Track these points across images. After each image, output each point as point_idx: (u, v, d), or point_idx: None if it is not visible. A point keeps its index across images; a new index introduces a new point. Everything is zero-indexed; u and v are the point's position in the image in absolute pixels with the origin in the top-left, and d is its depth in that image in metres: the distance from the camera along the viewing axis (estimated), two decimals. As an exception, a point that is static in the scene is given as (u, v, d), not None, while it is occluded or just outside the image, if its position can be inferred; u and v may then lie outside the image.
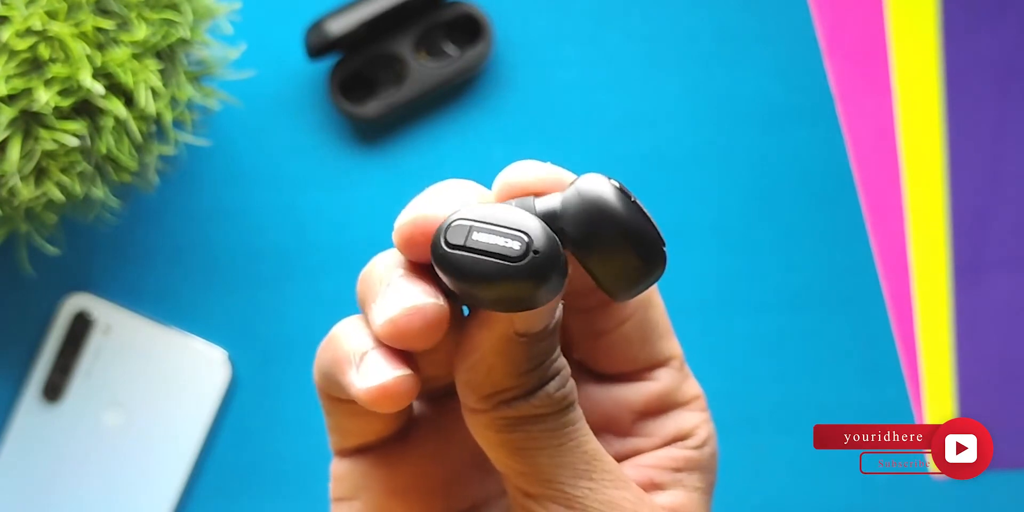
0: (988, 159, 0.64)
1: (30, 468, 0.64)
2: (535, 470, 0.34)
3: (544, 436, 0.33)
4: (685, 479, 0.37)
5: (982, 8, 0.64)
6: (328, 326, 0.65)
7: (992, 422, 0.64)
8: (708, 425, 0.38)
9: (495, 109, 0.65)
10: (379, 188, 0.65)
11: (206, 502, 0.65)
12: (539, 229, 0.31)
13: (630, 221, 0.31)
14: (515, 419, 0.33)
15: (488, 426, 0.34)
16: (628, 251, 0.31)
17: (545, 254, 0.30)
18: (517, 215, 0.31)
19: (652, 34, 0.66)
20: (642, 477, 0.37)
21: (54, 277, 0.64)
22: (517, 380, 0.33)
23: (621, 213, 0.31)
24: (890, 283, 0.65)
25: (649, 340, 0.37)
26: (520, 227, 0.31)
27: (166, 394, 0.64)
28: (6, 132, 0.51)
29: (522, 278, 0.30)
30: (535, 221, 0.31)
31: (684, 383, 0.38)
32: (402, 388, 0.33)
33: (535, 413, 0.33)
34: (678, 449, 0.37)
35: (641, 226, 0.31)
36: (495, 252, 0.31)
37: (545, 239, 0.31)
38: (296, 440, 0.65)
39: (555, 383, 0.34)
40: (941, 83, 0.64)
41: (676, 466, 0.37)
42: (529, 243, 0.30)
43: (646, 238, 0.31)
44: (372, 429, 0.37)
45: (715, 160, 0.65)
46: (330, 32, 0.63)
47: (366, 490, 0.37)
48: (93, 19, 0.52)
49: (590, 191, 0.31)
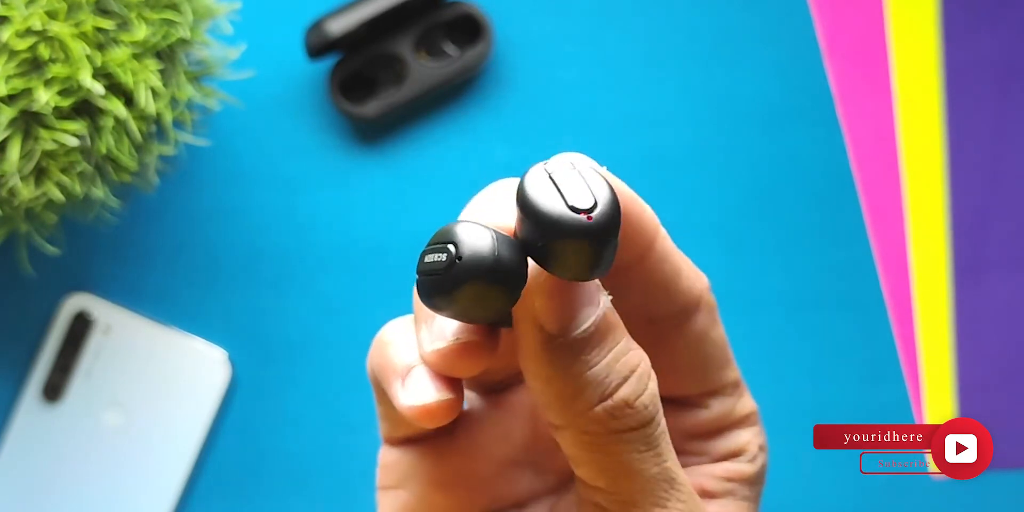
0: (988, 159, 0.64)
1: (30, 468, 0.64)
2: (617, 490, 0.33)
3: (628, 459, 0.33)
4: (737, 490, 0.37)
5: (982, 8, 0.64)
6: (328, 326, 0.66)
7: (992, 422, 0.64)
8: (759, 437, 0.38)
9: (495, 109, 0.65)
10: (379, 188, 0.65)
11: (206, 502, 0.65)
12: (465, 236, 0.30)
13: (540, 207, 0.30)
14: (600, 436, 0.32)
15: (575, 444, 0.33)
16: (553, 237, 0.30)
17: (467, 259, 0.30)
18: (456, 228, 0.31)
19: (652, 34, 0.66)
20: (694, 484, 0.37)
21: (54, 277, 0.64)
22: (578, 382, 0.32)
23: (534, 191, 0.30)
24: (890, 283, 0.65)
25: (703, 372, 0.37)
26: (447, 239, 0.30)
27: (166, 394, 0.64)
28: (6, 132, 0.51)
29: (452, 288, 0.30)
30: (468, 228, 0.30)
31: (739, 402, 0.38)
32: (443, 410, 0.33)
33: (615, 427, 0.32)
34: (731, 463, 0.38)
35: (550, 206, 0.30)
36: (432, 270, 0.31)
37: (469, 245, 0.30)
38: (296, 440, 0.65)
39: (630, 387, 0.32)
40: (941, 83, 0.64)
41: (728, 477, 0.37)
42: (452, 254, 0.30)
43: (559, 220, 0.30)
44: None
45: (715, 160, 0.65)
46: (330, 32, 0.63)
47: (412, 480, 0.37)
48: (93, 19, 0.52)
49: (519, 189, 0.31)
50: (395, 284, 0.65)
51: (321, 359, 0.65)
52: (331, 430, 0.65)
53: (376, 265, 0.65)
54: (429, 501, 0.37)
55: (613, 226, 0.30)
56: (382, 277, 0.65)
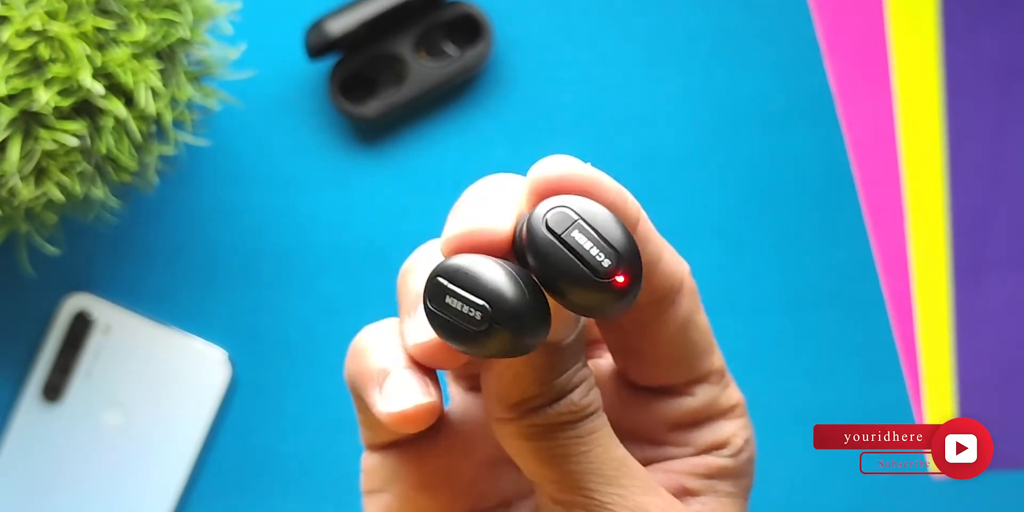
0: (988, 159, 0.64)
1: (30, 468, 0.64)
2: (564, 477, 0.34)
3: (572, 443, 0.34)
4: (717, 486, 0.37)
5: (982, 8, 0.64)
6: (328, 326, 0.66)
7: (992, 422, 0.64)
8: (745, 431, 0.38)
9: (495, 109, 0.65)
10: (379, 188, 0.65)
11: (206, 502, 0.65)
12: (501, 297, 0.31)
13: (560, 269, 0.31)
14: (542, 427, 0.33)
15: (516, 435, 0.34)
16: (574, 292, 0.31)
17: (512, 323, 0.31)
18: (483, 279, 0.31)
19: (652, 34, 0.66)
20: (673, 483, 0.37)
21: (54, 277, 0.64)
22: (543, 388, 0.33)
23: (552, 262, 0.31)
24: (890, 283, 0.65)
25: (687, 359, 0.37)
26: (482, 294, 0.31)
27: (166, 394, 0.64)
28: (6, 132, 0.51)
29: (494, 345, 0.31)
30: (500, 287, 0.31)
31: (724, 393, 0.38)
32: (422, 414, 0.34)
33: (561, 420, 0.33)
34: (712, 457, 0.37)
35: (569, 272, 0.31)
36: (459, 320, 0.31)
37: (509, 311, 0.31)
38: (296, 440, 0.65)
39: (580, 390, 0.34)
40: (941, 83, 0.64)
41: (709, 473, 0.37)
42: (489, 315, 0.31)
43: (579, 282, 0.31)
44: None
45: (715, 160, 0.65)
46: (330, 32, 0.63)
47: (395, 483, 0.37)
48: (93, 19, 0.52)
49: (528, 236, 0.31)
50: (395, 284, 0.65)
51: (321, 359, 0.65)
52: (331, 430, 0.65)
53: (376, 265, 0.65)
54: (413, 503, 0.37)
55: (637, 272, 0.31)
56: (382, 277, 0.65)
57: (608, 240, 0.31)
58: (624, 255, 0.31)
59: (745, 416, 0.38)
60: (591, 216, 0.31)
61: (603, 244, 0.31)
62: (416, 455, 0.37)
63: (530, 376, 0.33)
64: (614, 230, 0.31)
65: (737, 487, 0.38)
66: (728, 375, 0.39)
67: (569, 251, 0.31)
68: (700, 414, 0.38)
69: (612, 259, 0.31)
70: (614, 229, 0.31)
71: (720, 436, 0.38)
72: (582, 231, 0.31)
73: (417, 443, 0.38)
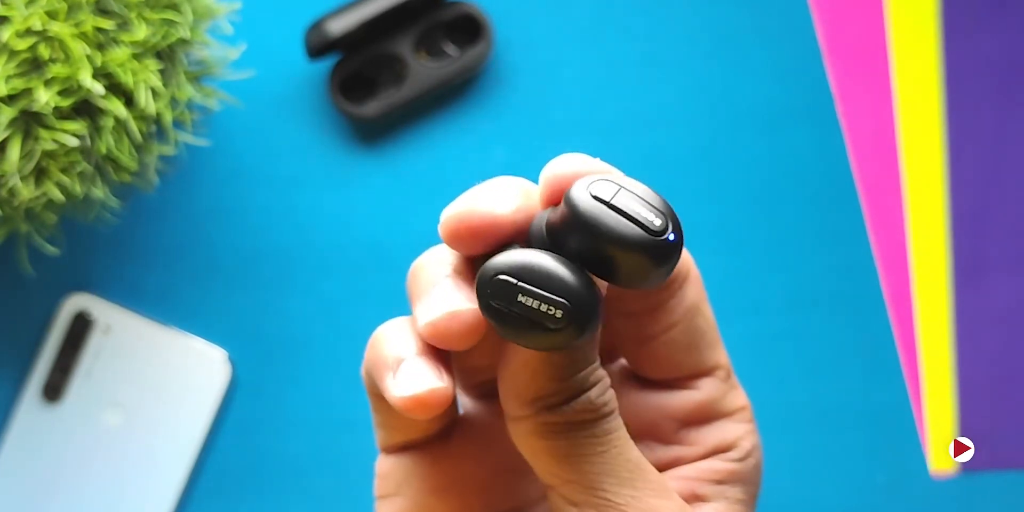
0: (988, 159, 0.64)
1: (30, 468, 0.64)
2: (579, 477, 0.34)
3: (588, 443, 0.34)
4: (727, 491, 0.37)
5: (982, 8, 0.64)
6: (328, 325, 0.66)
7: (992, 422, 0.65)
8: (752, 436, 0.38)
9: (495, 109, 0.65)
10: (379, 188, 0.65)
11: (206, 502, 0.65)
12: (579, 293, 0.31)
13: (614, 233, 0.31)
14: (558, 425, 0.34)
15: (532, 433, 0.34)
16: (628, 256, 0.31)
17: (585, 318, 0.31)
18: (558, 276, 0.31)
19: (652, 34, 0.66)
20: (684, 489, 0.37)
21: (54, 277, 0.64)
22: (559, 385, 0.33)
23: (604, 228, 0.31)
24: (890, 283, 0.65)
25: (695, 348, 0.38)
26: (562, 292, 0.31)
27: (166, 394, 0.64)
28: (6, 132, 0.51)
29: (562, 338, 0.31)
30: (574, 282, 0.31)
31: (729, 394, 0.38)
32: (435, 398, 0.34)
33: (577, 419, 0.34)
34: (721, 461, 0.38)
35: (624, 234, 0.31)
36: (538, 318, 0.31)
37: (584, 306, 0.31)
38: (296, 440, 0.65)
39: (596, 390, 0.34)
40: (941, 83, 0.64)
41: (719, 478, 0.37)
42: (570, 312, 0.31)
43: (635, 243, 0.31)
44: (417, 427, 0.38)
45: (715, 160, 0.65)
46: (330, 32, 0.63)
47: (408, 487, 0.38)
48: (93, 19, 0.52)
49: (573, 209, 0.32)
50: (395, 284, 0.65)
51: (321, 359, 0.65)
52: (331, 430, 0.65)
53: (376, 265, 0.65)
54: (425, 507, 0.38)
55: (680, 233, 0.32)
56: (382, 277, 0.65)
57: (651, 203, 0.32)
58: (669, 214, 0.32)
59: (751, 422, 0.39)
60: (630, 184, 0.32)
61: (650, 206, 0.32)
62: (430, 459, 0.38)
63: (548, 373, 0.33)
64: (652, 194, 0.32)
65: (745, 494, 0.38)
66: (734, 378, 0.39)
67: (621, 214, 0.32)
68: (706, 410, 0.38)
69: (662, 218, 0.32)
70: (652, 194, 0.32)
71: (727, 437, 0.38)
72: (629, 196, 0.32)
73: (431, 447, 0.38)
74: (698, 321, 0.37)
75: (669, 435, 0.38)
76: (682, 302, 0.37)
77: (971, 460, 0.64)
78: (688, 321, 0.37)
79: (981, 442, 0.64)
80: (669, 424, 0.38)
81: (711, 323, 0.38)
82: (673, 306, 0.37)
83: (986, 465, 0.64)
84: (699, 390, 0.38)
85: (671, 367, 0.38)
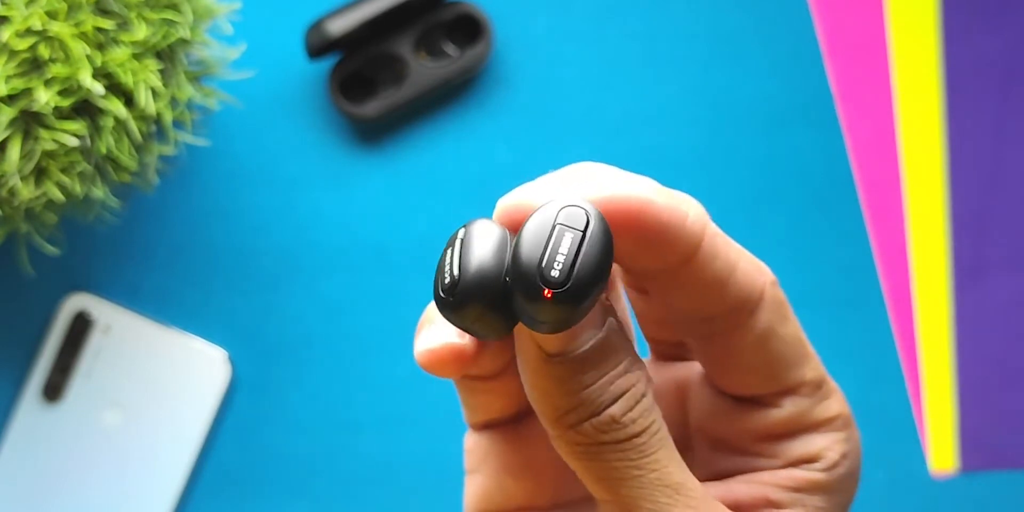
0: (988, 159, 0.64)
1: (30, 468, 0.64)
2: (616, 498, 0.33)
3: (622, 466, 0.33)
4: (807, 500, 0.36)
5: (982, 8, 0.64)
6: (328, 325, 0.66)
7: (992, 422, 0.65)
8: (842, 445, 0.37)
9: (495, 109, 0.65)
10: (379, 188, 0.65)
11: (206, 502, 0.65)
12: (463, 268, 0.31)
13: (516, 249, 0.31)
14: (589, 446, 0.33)
15: (566, 453, 0.33)
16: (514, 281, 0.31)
17: (459, 294, 0.31)
18: (467, 254, 0.31)
19: (652, 34, 0.66)
20: (757, 495, 0.36)
21: (54, 277, 0.64)
22: (572, 400, 0.33)
23: (521, 240, 0.31)
24: (890, 283, 0.65)
25: (770, 371, 0.36)
26: (453, 266, 0.31)
27: (166, 394, 0.64)
28: (6, 132, 0.51)
29: (454, 307, 0.31)
30: (472, 261, 0.31)
31: (818, 406, 0.37)
32: (449, 355, 0.34)
33: (602, 440, 0.33)
34: (801, 471, 0.36)
35: (519, 256, 0.31)
36: (440, 293, 0.32)
37: (471, 269, 0.31)
38: (296, 440, 0.65)
39: (620, 405, 0.33)
40: (941, 83, 0.64)
41: (796, 487, 0.36)
42: (452, 282, 0.31)
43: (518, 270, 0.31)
44: (492, 406, 0.37)
45: (715, 160, 0.65)
46: (330, 32, 0.63)
47: (487, 465, 0.38)
48: (93, 19, 0.52)
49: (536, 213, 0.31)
50: (395, 284, 0.65)
51: (321, 359, 0.65)
52: (331, 430, 0.65)
53: (376, 265, 0.65)
54: (501, 485, 0.38)
55: (574, 302, 0.30)
56: (382, 277, 0.65)
57: (581, 256, 0.30)
58: (574, 285, 0.30)
59: (846, 429, 0.37)
60: (593, 222, 0.31)
61: (570, 257, 0.30)
62: (508, 439, 0.38)
63: (554, 389, 0.33)
64: (458, 257, 0.31)
65: (829, 502, 0.36)
66: (828, 386, 0.37)
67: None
68: (788, 426, 0.36)
69: (565, 275, 0.30)
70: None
71: (810, 450, 0.36)
72: (565, 236, 0.31)
73: (509, 427, 0.38)
74: (772, 344, 0.36)
75: (749, 446, 0.37)
76: (752, 330, 0.35)
77: (971, 460, 0.64)
78: (760, 346, 0.36)
79: (981, 442, 0.64)
80: (748, 437, 0.37)
81: (792, 343, 0.36)
82: (743, 333, 0.35)
83: (986, 465, 0.64)
84: (780, 408, 0.36)
85: (746, 387, 0.36)
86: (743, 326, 0.35)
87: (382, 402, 0.65)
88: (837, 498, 0.36)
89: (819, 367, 0.37)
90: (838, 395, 0.37)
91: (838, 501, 0.37)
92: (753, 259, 0.36)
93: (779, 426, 0.36)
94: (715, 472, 0.37)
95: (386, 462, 0.65)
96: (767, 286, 0.36)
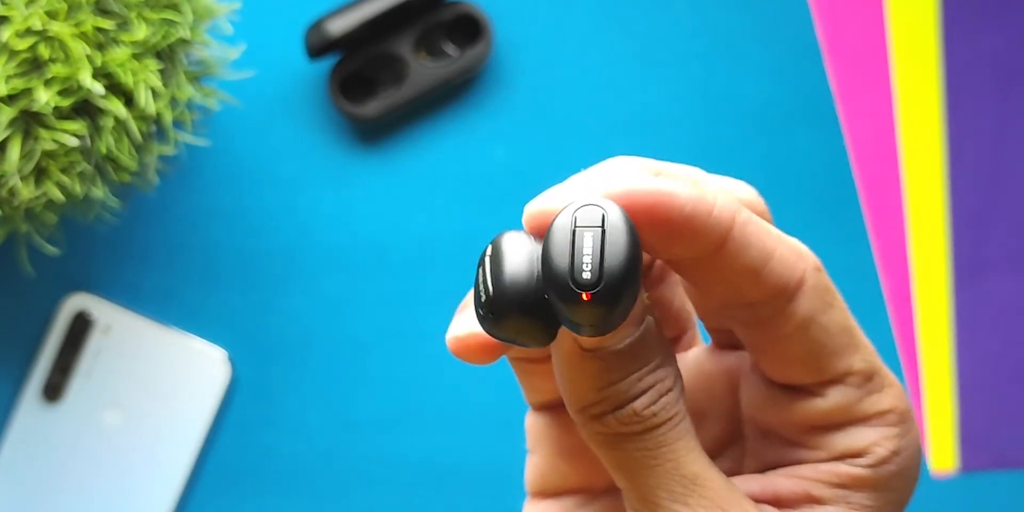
0: (988, 159, 0.64)
1: (30, 468, 0.64)
2: (634, 486, 0.34)
3: (640, 455, 0.33)
4: (851, 496, 0.35)
5: (982, 8, 0.64)
6: (328, 325, 0.66)
7: (992, 422, 0.65)
8: (893, 441, 0.35)
9: (495, 109, 0.65)
10: (379, 188, 0.65)
11: (206, 502, 0.65)
12: (496, 284, 0.32)
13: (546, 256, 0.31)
14: (609, 436, 0.33)
15: (590, 442, 0.34)
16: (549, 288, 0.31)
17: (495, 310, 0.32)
18: (498, 269, 0.32)
19: (652, 34, 0.66)
20: (798, 489, 0.35)
21: (54, 277, 0.64)
22: (599, 394, 0.33)
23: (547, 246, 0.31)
24: (890, 283, 0.65)
25: (813, 359, 0.35)
26: (488, 283, 0.32)
27: (166, 394, 0.64)
28: (6, 132, 0.51)
29: (494, 319, 0.32)
30: (503, 275, 0.32)
31: (868, 398, 0.35)
32: (473, 342, 0.35)
33: (623, 431, 0.33)
34: (846, 465, 0.35)
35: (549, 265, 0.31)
36: (479, 311, 0.32)
37: (496, 296, 0.32)
38: (296, 440, 0.65)
39: (645, 399, 0.33)
40: (941, 83, 0.64)
41: (840, 482, 0.35)
42: (487, 299, 0.32)
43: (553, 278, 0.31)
44: (544, 387, 0.38)
45: (715, 160, 0.65)
46: (330, 32, 0.63)
47: (542, 445, 0.38)
48: (93, 19, 0.52)
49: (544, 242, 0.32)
50: (395, 284, 0.65)
51: (321, 359, 0.65)
52: (331, 430, 0.65)
53: (376, 265, 0.65)
54: (555, 466, 0.38)
55: (612, 301, 0.31)
56: (382, 277, 0.65)
57: (605, 256, 0.31)
58: (606, 283, 0.31)
59: (900, 425, 0.35)
60: (610, 219, 0.31)
61: (597, 257, 0.31)
62: (563, 422, 0.38)
63: (585, 381, 0.33)
64: (614, 247, 0.31)
65: (877, 501, 0.35)
66: (881, 379, 0.36)
67: (571, 247, 0.31)
68: (834, 417, 0.35)
69: (593, 277, 0.31)
70: (614, 246, 0.31)
71: (857, 443, 0.35)
72: (587, 236, 0.31)
73: (564, 410, 0.37)
74: (814, 332, 0.35)
75: (794, 436, 0.36)
76: (792, 317, 0.35)
77: (971, 460, 0.64)
78: (801, 333, 0.35)
79: (981, 442, 0.64)
80: (793, 426, 0.36)
81: (836, 330, 0.35)
82: (782, 321, 0.35)
83: (986, 465, 0.64)
84: (825, 398, 0.35)
85: (789, 377, 0.36)
86: (783, 313, 0.35)
87: (382, 402, 0.65)
88: (888, 496, 0.35)
89: (871, 358, 0.36)
90: (894, 389, 0.36)
91: (889, 499, 0.35)
92: (795, 245, 0.35)
93: (824, 417, 0.35)
94: (764, 462, 0.37)
95: (386, 462, 0.65)
96: (808, 272, 0.35)
